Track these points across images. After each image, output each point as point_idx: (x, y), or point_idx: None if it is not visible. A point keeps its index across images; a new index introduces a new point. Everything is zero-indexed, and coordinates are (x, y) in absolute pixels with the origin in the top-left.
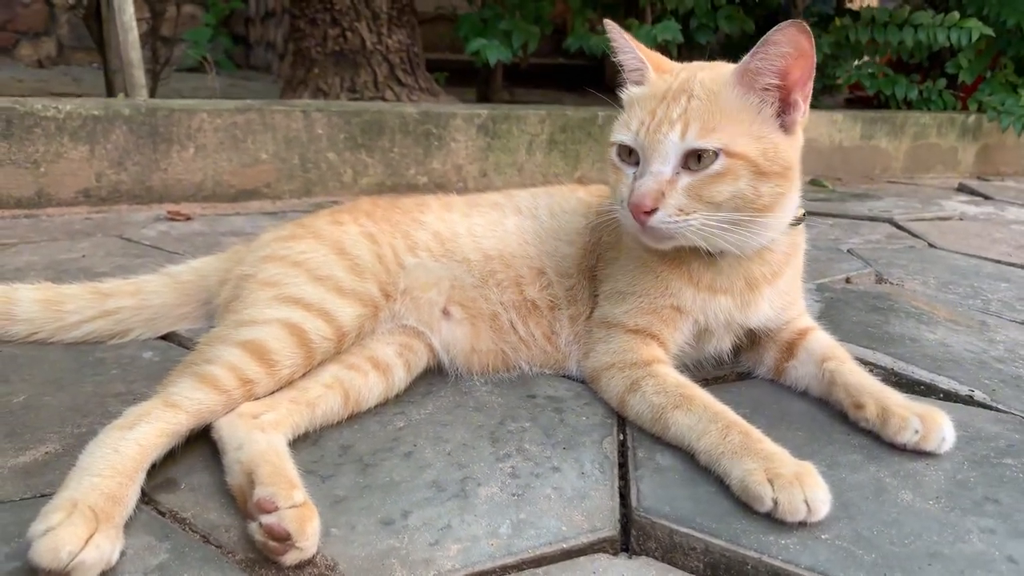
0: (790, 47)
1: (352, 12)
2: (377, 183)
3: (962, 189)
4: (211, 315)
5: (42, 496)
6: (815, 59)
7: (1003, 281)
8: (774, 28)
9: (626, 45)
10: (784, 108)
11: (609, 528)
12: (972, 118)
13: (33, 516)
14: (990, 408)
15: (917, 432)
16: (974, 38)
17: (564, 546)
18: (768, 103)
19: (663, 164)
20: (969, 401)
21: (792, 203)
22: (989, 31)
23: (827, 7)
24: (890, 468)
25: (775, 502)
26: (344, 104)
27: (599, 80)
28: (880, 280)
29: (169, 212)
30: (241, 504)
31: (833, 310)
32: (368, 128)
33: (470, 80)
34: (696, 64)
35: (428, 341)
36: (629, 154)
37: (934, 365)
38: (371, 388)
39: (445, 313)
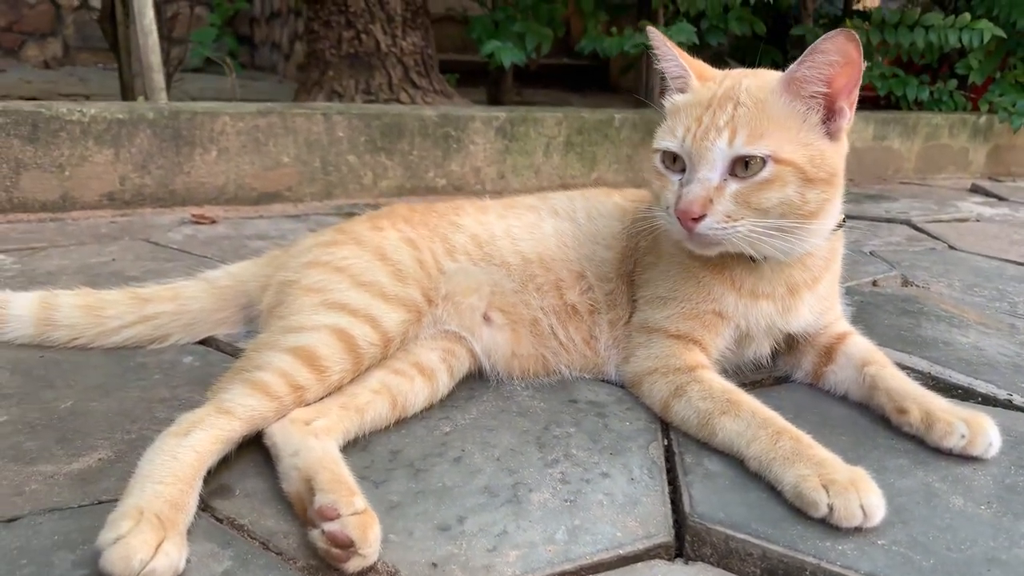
0: (838, 55)
1: (367, 14)
2: (397, 186)
3: (976, 190)
4: (249, 320)
5: (100, 503)
6: (862, 67)
7: None
8: (822, 37)
9: (668, 52)
10: (829, 115)
11: (664, 534)
12: (983, 119)
13: (93, 523)
14: None
15: (963, 437)
16: (986, 39)
17: (620, 552)
18: (814, 110)
19: (711, 171)
20: (1008, 405)
21: (836, 209)
22: (1000, 32)
23: (835, 8)
24: (938, 473)
25: (830, 507)
26: (364, 107)
27: (604, 81)
28: (906, 283)
29: (193, 215)
30: (299, 511)
31: (865, 314)
32: (388, 131)
33: (479, 81)
34: (738, 71)
35: (470, 346)
36: (674, 161)
37: (970, 369)
38: (417, 393)
39: (486, 319)
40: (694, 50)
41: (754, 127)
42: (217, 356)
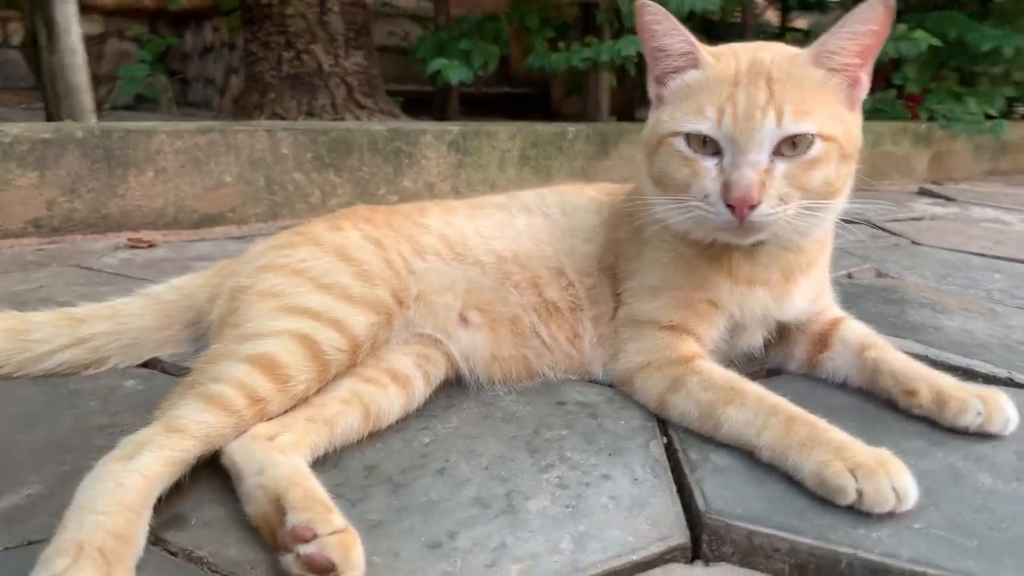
0: (876, 24)
1: (308, 34)
2: (346, 203)
3: (924, 193)
4: (197, 337)
5: (30, 543)
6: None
7: (995, 272)
8: (860, 6)
9: (672, 26)
10: (852, 86)
11: (679, 535)
12: (924, 126)
13: (22, 566)
14: None
15: (980, 414)
16: (922, 49)
17: (634, 558)
18: (843, 82)
19: (759, 153)
20: (1011, 383)
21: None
22: (936, 41)
23: (772, 28)
24: (958, 452)
25: (860, 493)
26: (310, 123)
27: (546, 107)
28: (880, 275)
29: (130, 239)
30: (267, 535)
31: (848, 303)
32: (335, 147)
33: (422, 111)
34: (747, 45)
35: (446, 350)
36: (703, 144)
37: (964, 351)
38: (391, 402)
39: (462, 319)
40: (641, 62)
41: (798, 103)
42: (163, 378)
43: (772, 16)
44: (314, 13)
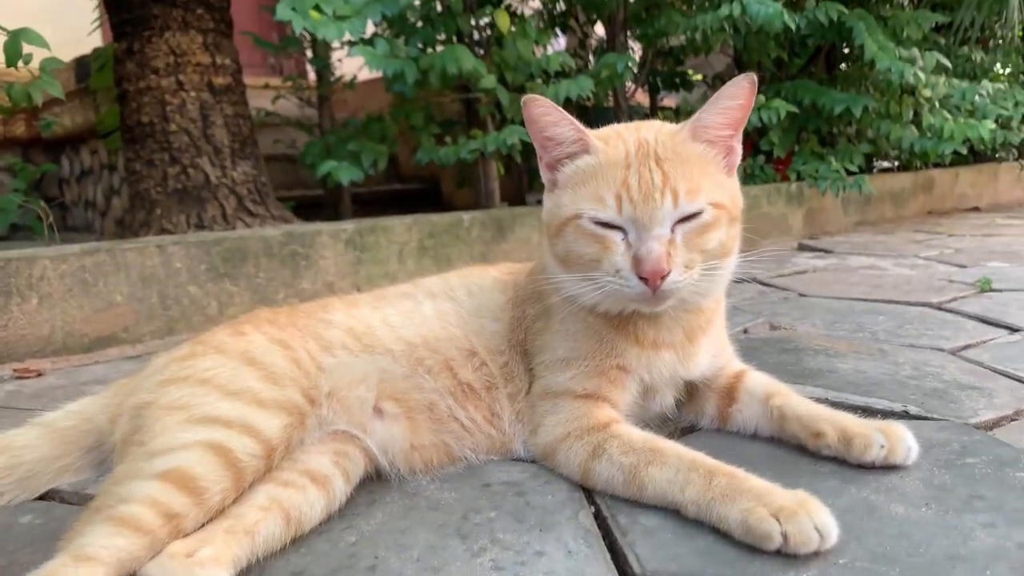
0: (743, 98)
1: (192, 148)
2: (245, 312)
3: (803, 248)
4: (99, 463)
5: None
6: None
7: (878, 315)
8: (730, 83)
9: (561, 116)
10: (727, 154)
11: None
12: (794, 186)
13: None
14: (927, 419)
15: (883, 447)
16: (782, 116)
17: None
18: (720, 152)
19: (662, 227)
20: (906, 416)
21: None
22: (794, 108)
23: (643, 108)
24: (869, 486)
25: (785, 536)
26: (202, 234)
27: (437, 200)
28: (774, 327)
29: (15, 370)
30: None
31: (748, 356)
32: (230, 256)
33: (312, 215)
34: (627, 125)
35: (363, 444)
36: (606, 223)
37: (861, 390)
38: (312, 504)
39: (377, 411)
40: (527, 146)
41: (688, 181)
42: (63, 509)
43: (642, 97)
44: (197, 128)
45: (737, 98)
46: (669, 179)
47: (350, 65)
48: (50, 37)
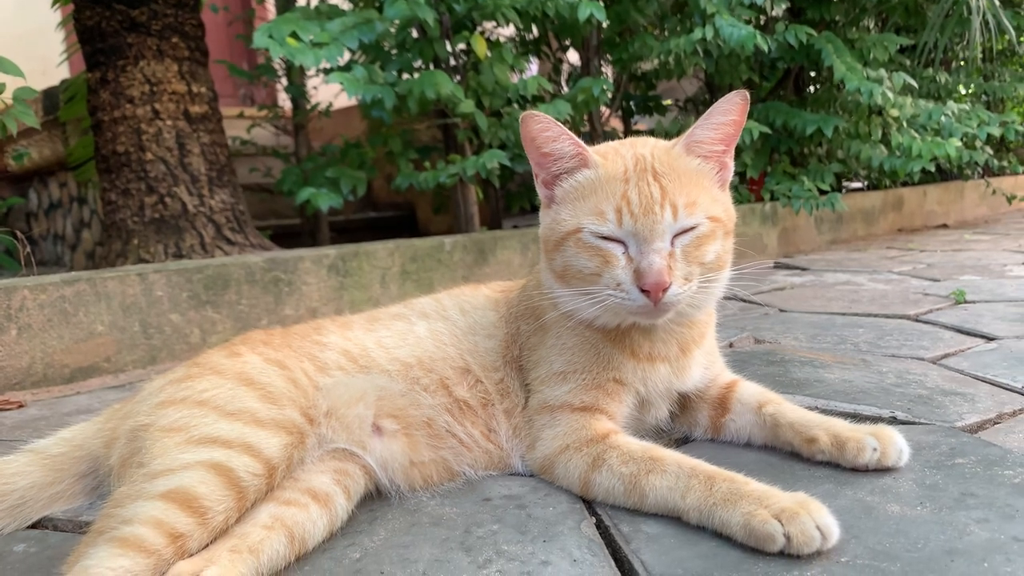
0: (736, 115)
1: (169, 177)
2: (227, 339)
3: (780, 266)
4: (92, 489)
5: None
6: None
7: (858, 327)
8: (722, 100)
9: (561, 132)
10: (719, 169)
11: None
12: (768, 206)
13: None
14: (915, 423)
15: (876, 450)
16: (755, 137)
17: None
18: (713, 167)
19: (663, 241)
20: (894, 421)
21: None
22: (766, 129)
23: (618, 134)
24: (864, 488)
25: (787, 537)
26: (183, 262)
27: (413, 227)
28: (758, 341)
29: None
30: None
31: (736, 368)
32: (212, 283)
33: (291, 243)
34: (621, 143)
35: (363, 462)
36: (606, 236)
37: (849, 398)
38: (315, 522)
39: (376, 428)
40: (505, 170)
41: (686, 195)
42: (58, 537)
43: (616, 122)
44: (174, 156)
45: (730, 114)
46: (668, 193)
47: (325, 92)
48: None
